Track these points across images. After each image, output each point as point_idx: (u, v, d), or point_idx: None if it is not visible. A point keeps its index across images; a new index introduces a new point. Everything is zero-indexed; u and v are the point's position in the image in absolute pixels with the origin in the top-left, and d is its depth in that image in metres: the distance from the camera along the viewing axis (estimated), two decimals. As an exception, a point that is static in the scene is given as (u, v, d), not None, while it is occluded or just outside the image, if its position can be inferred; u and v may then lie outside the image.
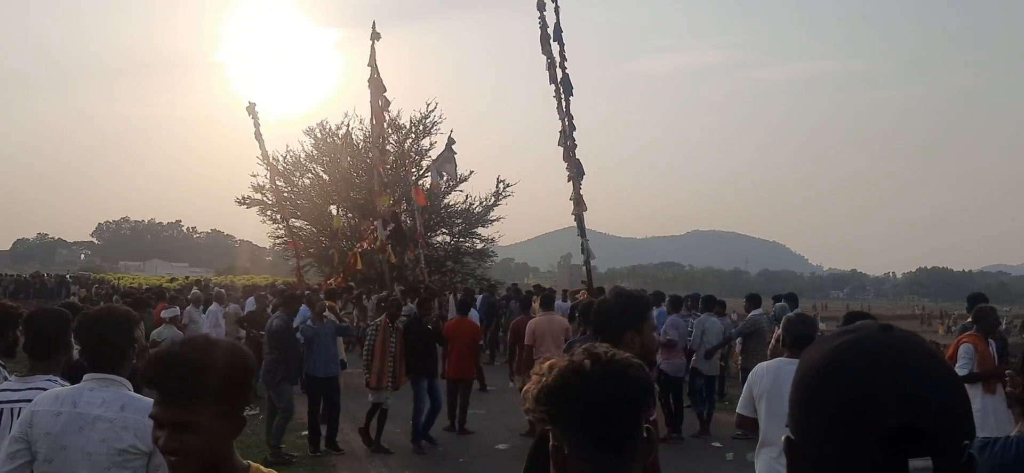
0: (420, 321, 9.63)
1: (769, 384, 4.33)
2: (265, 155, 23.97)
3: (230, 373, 1.69)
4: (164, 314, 9.97)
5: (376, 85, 19.53)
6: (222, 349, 1.74)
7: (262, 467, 1.80)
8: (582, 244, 15.58)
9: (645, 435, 1.38)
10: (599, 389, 1.33)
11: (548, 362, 1.41)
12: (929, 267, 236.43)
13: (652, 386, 1.42)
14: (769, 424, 4.27)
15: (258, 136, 23.21)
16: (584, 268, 16.20)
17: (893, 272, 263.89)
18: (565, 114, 14.98)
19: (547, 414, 1.37)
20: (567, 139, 14.95)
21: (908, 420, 0.86)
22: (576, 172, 15.12)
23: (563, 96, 14.94)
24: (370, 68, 19.43)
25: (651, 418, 2.46)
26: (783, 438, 1.00)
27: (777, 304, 11.06)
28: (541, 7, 15.10)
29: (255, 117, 22.96)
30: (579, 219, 15.39)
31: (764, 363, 4.73)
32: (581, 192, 15.29)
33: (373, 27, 19.30)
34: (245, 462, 1.80)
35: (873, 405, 0.88)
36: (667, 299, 12.09)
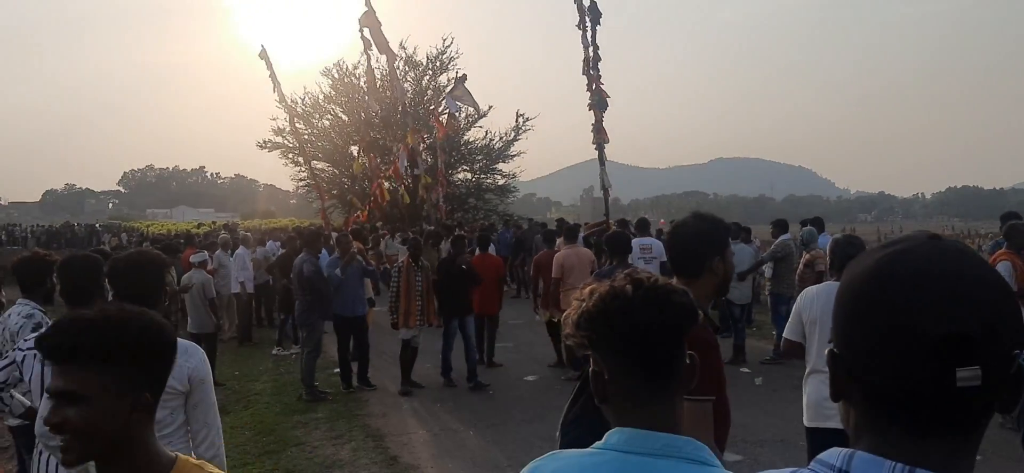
0: (455, 260, 9.56)
1: (821, 309, 4.21)
2: (282, 97, 23.89)
3: (122, 339, 1.48)
4: (193, 259, 10.07)
5: (371, 21, 18.64)
6: (117, 314, 1.52)
7: (191, 459, 1.61)
8: (600, 173, 15.40)
9: (688, 362, 1.35)
10: (640, 314, 1.30)
11: (589, 287, 1.39)
12: (959, 186, 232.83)
13: (695, 313, 1.37)
14: (821, 351, 4.12)
15: (273, 79, 23.11)
16: (606, 199, 16.08)
17: (922, 193, 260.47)
18: (591, 43, 14.64)
19: (588, 339, 1.35)
20: (591, 68, 14.65)
21: (956, 329, 0.84)
22: (598, 103, 14.85)
23: (590, 24, 14.57)
24: (365, 4, 18.58)
25: (715, 349, 2.40)
26: (826, 351, 0.97)
27: (805, 229, 10.90)
28: None
29: (268, 60, 22.82)
30: (600, 149, 15.20)
31: (814, 287, 4.59)
32: (603, 123, 15.03)
33: None
34: (172, 453, 1.59)
35: (920, 314, 0.85)
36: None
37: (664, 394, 1.33)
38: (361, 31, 18.56)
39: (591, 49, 14.49)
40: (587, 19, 14.39)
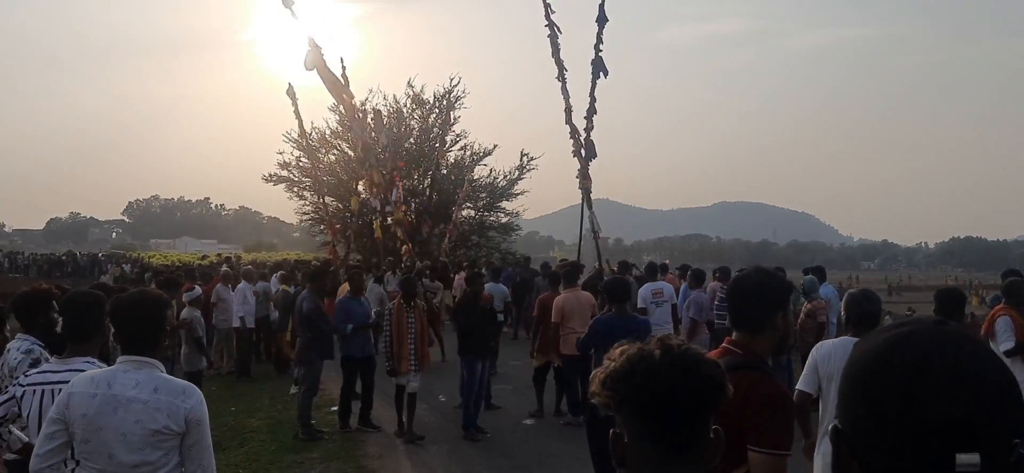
0: (475, 299, 8.98)
1: (838, 365, 4.07)
2: (303, 133, 24.19)
3: None
4: (185, 297, 9.83)
5: (317, 61, 17.80)
6: None
7: None
8: (589, 217, 15.55)
9: (713, 436, 1.31)
10: (665, 382, 1.26)
11: (620, 348, 1.35)
12: (962, 236, 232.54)
13: (725, 387, 1.31)
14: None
15: (297, 115, 23.38)
16: (596, 242, 16.24)
17: (925, 242, 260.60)
18: (590, 95, 14.91)
19: (611, 400, 1.31)
20: (586, 118, 14.93)
21: (957, 414, 0.84)
22: (587, 153, 15.07)
23: (591, 77, 14.81)
24: (309, 44, 17.87)
25: (790, 402, 2.35)
26: (830, 427, 0.98)
27: (806, 277, 10.84)
28: None
29: (294, 98, 23.11)
30: (585, 193, 15.39)
31: (830, 341, 4.50)
32: (589, 171, 15.25)
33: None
34: None
35: (921, 398, 0.86)
36: (690, 273, 11.87)
37: (682, 467, 1.28)
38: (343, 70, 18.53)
39: (588, 100, 14.79)
40: (566, 73, 14.72)
